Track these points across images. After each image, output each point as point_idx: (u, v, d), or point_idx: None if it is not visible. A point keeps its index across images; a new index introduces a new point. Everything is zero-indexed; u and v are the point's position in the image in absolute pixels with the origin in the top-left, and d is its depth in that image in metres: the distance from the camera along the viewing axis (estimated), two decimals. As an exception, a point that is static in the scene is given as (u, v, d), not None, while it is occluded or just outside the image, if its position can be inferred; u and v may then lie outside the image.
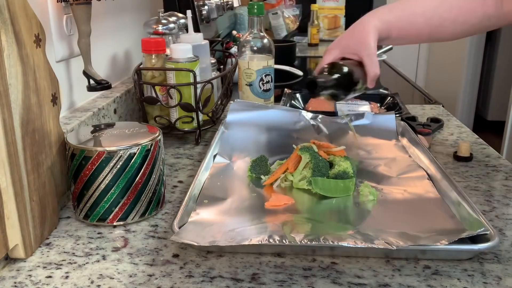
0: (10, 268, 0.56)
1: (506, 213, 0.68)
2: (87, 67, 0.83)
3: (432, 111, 1.17)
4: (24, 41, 0.56)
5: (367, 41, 0.78)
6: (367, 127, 0.94)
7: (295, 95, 1.20)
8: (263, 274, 0.54)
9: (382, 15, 0.80)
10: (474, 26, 0.79)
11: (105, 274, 0.55)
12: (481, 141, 0.96)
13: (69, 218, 0.67)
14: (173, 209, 0.70)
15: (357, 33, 0.80)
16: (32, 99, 0.57)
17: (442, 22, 0.79)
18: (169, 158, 0.89)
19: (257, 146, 0.88)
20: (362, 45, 0.79)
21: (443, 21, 0.79)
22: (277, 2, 2.23)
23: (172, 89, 0.90)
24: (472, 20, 0.79)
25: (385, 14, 0.80)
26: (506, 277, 0.54)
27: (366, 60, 0.79)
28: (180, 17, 1.10)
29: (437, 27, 0.80)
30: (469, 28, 0.80)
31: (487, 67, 3.80)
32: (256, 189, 0.73)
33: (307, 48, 2.21)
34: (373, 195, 0.69)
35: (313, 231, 0.58)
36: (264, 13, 1.14)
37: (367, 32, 0.78)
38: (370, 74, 0.79)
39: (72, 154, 0.63)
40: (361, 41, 0.79)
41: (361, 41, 0.79)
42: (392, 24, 0.80)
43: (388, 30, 0.80)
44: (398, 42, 0.84)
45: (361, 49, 0.79)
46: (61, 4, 0.79)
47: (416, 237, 0.56)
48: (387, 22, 0.79)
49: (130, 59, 1.15)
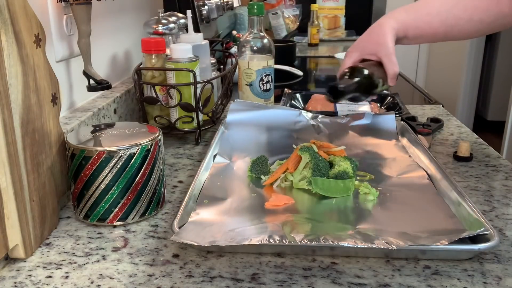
0: (10, 268, 0.56)
1: (506, 213, 0.68)
2: (87, 67, 0.83)
3: (432, 111, 1.17)
4: (24, 41, 0.56)
5: (385, 41, 0.80)
6: (367, 127, 0.94)
7: (295, 95, 1.20)
8: (263, 274, 0.54)
9: (399, 16, 0.83)
10: (490, 25, 0.81)
11: (105, 274, 0.55)
12: (481, 141, 0.97)
13: (69, 218, 0.67)
14: (173, 209, 0.70)
15: (374, 34, 0.83)
16: (32, 99, 0.57)
17: (458, 21, 0.81)
18: (169, 158, 0.89)
19: (257, 146, 0.88)
20: (380, 46, 0.81)
21: (459, 21, 0.81)
22: (277, 2, 2.23)
23: (172, 89, 0.90)
24: (488, 18, 0.80)
25: (401, 15, 0.83)
26: (506, 277, 0.54)
27: (385, 60, 0.81)
28: (180, 17, 1.10)
29: (453, 26, 0.81)
30: (485, 26, 0.81)
31: (487, 67, 3.80)
32: (256, 189, 0.73)
33: (307, 48, 2.21)
34: (373, 195, 0.69)
35: (313, 231, 0.58)
36: (264, 13, 1.14)
37: (384, 33, 0.81)
38: (390, 73, 0.82)
39: (72, 154, 0.63)
40: (379, 42, 0.81)
41: (379, 42, 0.81)
42: (408, 24, 0.82)
43: (405, 30, 0.82)
44: (416, 41, 0.86)
45: (379, 50, 0.81)
46: (61, 4, 0.79)
47: (416, 237, 0.56)
48: (403, 23, 0.82)
49: (130, 59, 1.15)
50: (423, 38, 0.85)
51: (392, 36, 0.81)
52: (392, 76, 0.82)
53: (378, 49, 0.82)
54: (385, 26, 0.82)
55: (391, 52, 0.81)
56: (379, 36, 0.82)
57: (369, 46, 0.84)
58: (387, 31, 0.81)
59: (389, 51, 0.81)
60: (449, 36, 0.84)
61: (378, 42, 0.82)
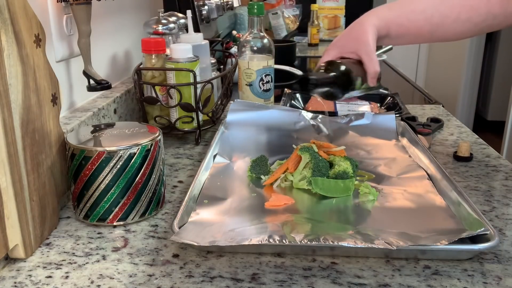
0: (10, 268, 0.56)
1: (506, 213, 0.68)
2: (87, 67, 0.83)
3: (432, 111, 1.17)
4: (24, 41, 0.56)
5: (364, 38, 0.77)
6: (367, 127, 0.94)
7: (295, 95, 1.20)
8: (263, 274, 0.54)
9: (381, 13, 0.79)
10: (478, 25, 0.77)
11: (105, 274, 0.55)
12: (481, 141, 0.97)
13: (69, 218, 0.67)
14: (173, 209, 0.70)
15: (354, 31, 0.79)
16: (32, 99, 0.57)
17: (444, 20, 0.77)
18: (169, 158, 0.89)
19: (257, 146, 0.88)
20: (360, 43, 0.78)
21: (445, 19, 0.77)
22: (277, 2, 2.23)
23: (172, 89, 0.90)
24: (476, 18, 0.76)
25: (384, 12, 0.79)
26: (506, 277, 0.54)
27: (364, 58, 0.77)
28: (180, 17, 1.10)
29: (439, 25, 0.78)
30: (473, 27, 0.77)
31: (487, 67, 3.80)
32: (256, 189, 0.73)
33: (307, 48, 2.21)
34: (373, 195, 0.69)
35: (313, 231, 0.58)
36: (264, 13, 1.14)
37: (364, 30, 0.77)
38: (370, 71, 0.78)
39: (72, 154, 0.63)
40: (359, 39, 0.78)
41: (359, 39, 0.78)
42: (391, 21, 0.78)
43: (387, 28, 0.78)
44: (399, 40, 0.82)
45: (359, 47, 0.78)
46: (61, 4, 0.79)
47: (416, 237, 0.56)
48: (385, 19, 0.78)
49: (130, 59, 1.15)
50: (407, 37, 0.80)
51: (373, 34, 0.77)
52: (372, 75, 0.78)
53: (357, 47, 0.78)
54: (365, 23, 0.78)
55: (372, 50, 0.77)
56: (359, 33, 0.78)
57: (349, 44, 0.79)
58: (368, 28, 0.77)
59: (369, 49, 0.77)
60: (435, 36, 0.80)
61: (358, 39, 0.78)
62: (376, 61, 0.77)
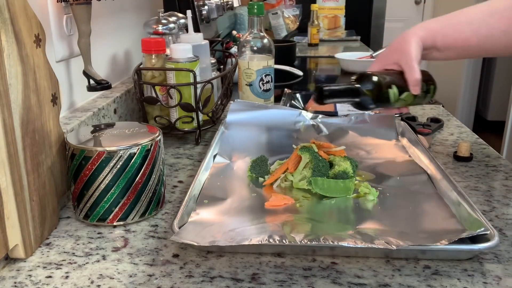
0: (10, 268, 0.56)
1: (506, 213, 0.68)
2: (87, 67, 0.83)
3: (432, 111, 1.17)
4: (24, 41, 0.56)
5: (405, 49, 0.77)
6: (367, 127, 0.94)
7: (295, 95, 1.20)
8: (263, 274, 0.54)
9: (427, 24, 0.79)
10: None
11: (105, 274, 0.55)
12: (481, 141, 0.97)
13: (69, 218, 0.67)
14: (173, 209, 0.70)
15: (397, 43, 0.79)
16: (32, 99, 0.57)
17: (492, 31, 0.75)
18: (169, 158, 0.89)
19: (257, 146, 0.88)
20: (401, 54, 0.78)
21: (493, 31, 0.75)
22: (277, 2, 2.23)
23: (172, 89, 0.90)
24: None
25: (430, 23, 0.79)
26: (506, 277, 0.54)
27: (404, 67, 0.77)
28: (180, 17, 1.10)
29: (487, 37, 0.76)
30: None
31: (487, 67, 3.80)
32: (256, 189, 0.73)
33: (307, 48, 2.21)
34: (373, 195, 0.69)
35: (313, 231, 0.58)
36: (264, 13, 1.14)
37: (406, 41, 0.77)
38: (410, 79, 0.77)
39: (72, 154, 0.63)
40: (400, 49, 0.78)
41: (401, 49, 0.78)
42: (436, 31, 0.78)
43: (433, 38, 0.78)
44: (448, 53, 0.80)
45: (400, 58, 0.78)
46: (61, 4, 0.79)
47: (416, 237, 0.56)
48: (430, 30, 0.78)
49: (130, 59, 1.15)
50: (455, 49, 0.78)
51: (416, 44, 0.77)
52: (413, 83, 0.77)
53: (399, 57, 0.78)
54: (409, 34, 0.78)
55: (412, 59, 0.76)
56: (401, 44, 0.78)
57: (391, 55, 0.80)
58: (411, 39, 0.77)
59: (409, 58, 0.76)
60: (483, 48, 0.77)
61: (400, 50, 0.78)
62: (416, 69, 0.76)
